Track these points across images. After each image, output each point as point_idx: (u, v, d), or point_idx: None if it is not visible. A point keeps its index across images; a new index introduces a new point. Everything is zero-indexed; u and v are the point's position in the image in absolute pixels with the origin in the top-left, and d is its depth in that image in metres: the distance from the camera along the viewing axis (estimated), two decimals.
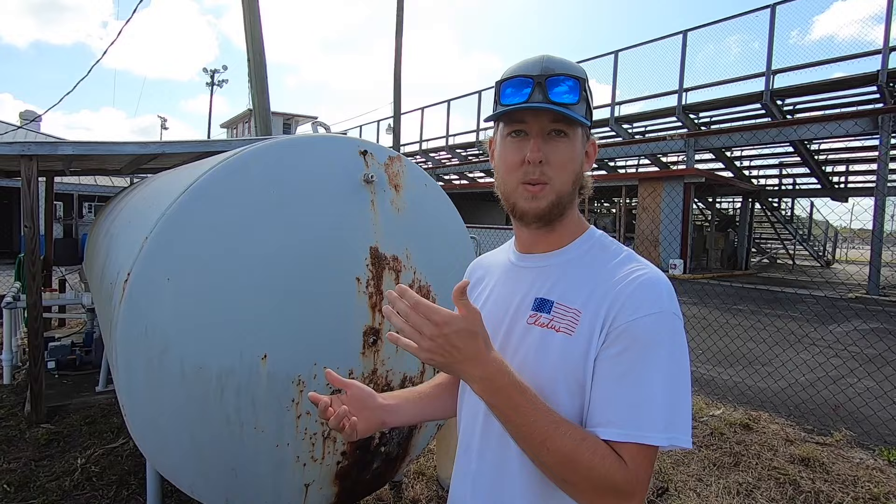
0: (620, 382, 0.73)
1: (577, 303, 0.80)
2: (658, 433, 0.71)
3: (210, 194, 1.67)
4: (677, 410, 0.73)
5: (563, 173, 0.82)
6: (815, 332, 6.75)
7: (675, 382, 0.73)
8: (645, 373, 0.73)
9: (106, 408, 3.95)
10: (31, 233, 3.65)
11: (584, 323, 0.78)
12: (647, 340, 0.74)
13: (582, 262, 0.85)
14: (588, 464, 0.70)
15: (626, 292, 0.77)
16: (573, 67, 0.82)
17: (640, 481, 0.71)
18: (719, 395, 4.73)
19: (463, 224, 2.36)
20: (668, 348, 0.74)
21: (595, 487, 0.70)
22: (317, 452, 1.90)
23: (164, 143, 4.10)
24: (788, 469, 3.28)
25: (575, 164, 0.83)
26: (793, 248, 21.97)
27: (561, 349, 0.78)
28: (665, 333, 0.74)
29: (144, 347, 1.55)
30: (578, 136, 0.84)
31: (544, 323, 0.81)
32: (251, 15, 6.88)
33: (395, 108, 13.06)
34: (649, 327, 0.74)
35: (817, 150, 16.80)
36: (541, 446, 0.71)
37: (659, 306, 0.75)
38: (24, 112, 20.84)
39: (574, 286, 0.82)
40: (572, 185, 0.84)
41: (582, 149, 0.85)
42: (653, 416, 0.71)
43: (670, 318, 0.75)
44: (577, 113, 0.80)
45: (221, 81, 33.46)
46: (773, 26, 14.47)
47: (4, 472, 3.00)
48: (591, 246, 0.87)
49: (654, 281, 0.78)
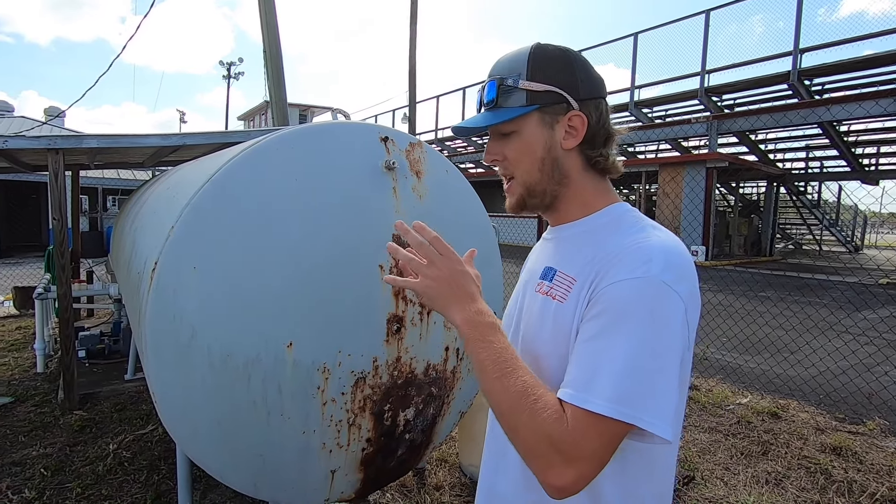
0: (585, 345, 0.71)
1: (574, 270, 0.79)
2: (604, 402, 0.66)
3: (234, 183, 1.67)
4: (641, 386, 0.66)
5: (521, 164, 0.85)
6: (847, 319, 6.56)
7: (644, 355, 0.67)
8: (610, 339, 0.68)
9: (135, 395, 4.06)
10: (60, 225, 3.73)
11: (575, 290, 0.77)
12: (621, 306, 0.69)
13: (593, 234, 0.84)
14: (531, 410, 0.68)
15: (614, 257, 0.74)
16: (498, 67, 0.85)
17: (582, 447, 0.66)
18: (746, 383, 4.64)
19: (484, 210, 2.33)
20: (642, 317, 0.68)
21: (534, 439, 0.68)
22: (342, 439, 1.91)
23: (184, 134, 4.14)
24: (819, 458, 3.20)
25: (533, 152, 0.83)
26: (819, 234, 21.35)
27: (553, 316, 0.79)
28: (643, 301, 0.69)
29: (173, 335, 1.57)
30: (531, 125, 0.83)
31: (545, 291, 0.83)
32: (266, 6, 6.87)
33: (411, 97, 12.98)
34: (626, 292, 0.69)
35: (847, 132, 16.20)
36: (495, 383, 0.72)
37: (644, 271, 0.70)
38: (49, 108, 21.31)
39: (575, 255, 0.82)
40: (540, 173, 0.84)
41: (544, 132, 0.83)
42: (603, 384, 0.67)
43: (656, 285, 0.69)
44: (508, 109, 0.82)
45: (238, 74, 33.67)
46: (800, 3, 13.92)
47: (41, 457, 3.11)
48: (610, 220, 0.84)
49: (648, 247, 0.73)
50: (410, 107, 13.24)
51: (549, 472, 0.67)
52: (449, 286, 0.79)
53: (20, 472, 2.94)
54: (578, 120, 0.83)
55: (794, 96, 15.10)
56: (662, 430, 0.66)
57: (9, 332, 6.31)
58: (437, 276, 0.79)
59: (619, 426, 0.67)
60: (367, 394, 1.94)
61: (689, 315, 0.72)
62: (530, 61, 0.82)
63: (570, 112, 0.83)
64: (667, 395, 0.68)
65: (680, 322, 0.70)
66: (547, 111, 0.82)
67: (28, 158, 4.80)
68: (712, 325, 5.75)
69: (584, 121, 0.83)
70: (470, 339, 0.77)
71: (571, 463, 0.66)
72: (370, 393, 1.94)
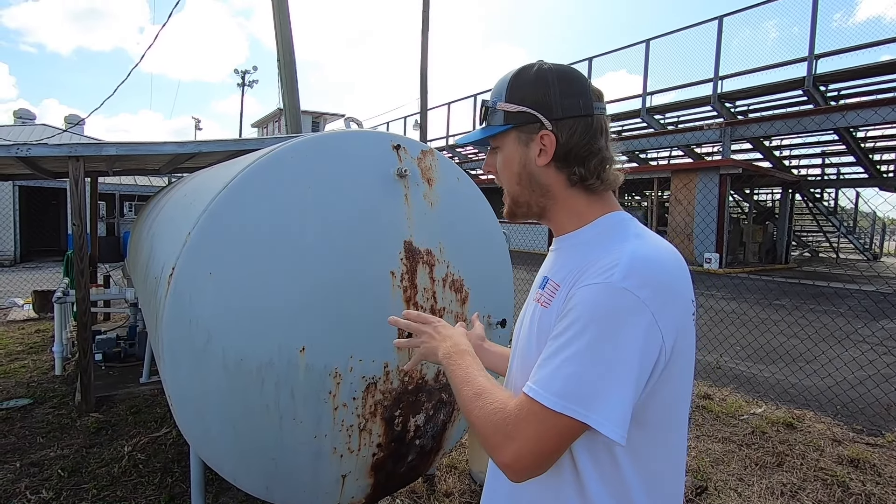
0: (548, 343, 0.77)
1: (560, 278, 0.83)
2: (551, 395, 0.72)
3: (248, 190, 1.71)
4: (588, 387, 0.71)
5: (503, 177, 0.94)
6: (865, 329, 6.44)
7: (593, 358, 0.71)
8: (566, 340, 0.73)
9: (150, 398, 4.11)
10: (80, 231, 3.82)
11: (558, 295, 0.81)
12: (579, 310, 0.74)
13: (585, 244, 0.86)
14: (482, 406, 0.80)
15: (589, 264, 0.78)
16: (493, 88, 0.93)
17: (521, 428, 0.74)
18: (760, 392, 4.57)
19: (495, 217, 2.34)
20: (595, 321, 0.71)
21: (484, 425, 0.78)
22: (353, 444, 1.92)
23: (200, 142, 4.22)
24: (836, 470, 3.14)
25: (511, 167, 0.91)
26: (836, 241, 20.98)
27: (538, 322, 0.84)
28: (598, 305, 0.72)
29: (189, 339, 1.60)
30: (510, 142, 0.91)
31: (538, 298, 0.87)
32: (281, 16, 7.00)
33: (422, 104, 13.07)
34: (585, 297, 0.74)
35: (864, 138, 15.95)
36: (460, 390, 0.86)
37: (604, 278, 0.73)
38: (69, 116, 21.82)
39: (566, 264, 0.85)
40: (520, 186, 0.92)
41: (519, 149, 0.90)
42: (548, 377, 0.73)
43: (615, 291, 0.72)
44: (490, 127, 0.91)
45: (252, 82, 34.17)
46: (815, 9, 13.79)
47: (59, 458, 3.16)
48: (602, 230, 0.87)
49: (620, 253, 0.76)
50: (422, 114, 13.33)
51: (496, 452, 0.76)
52: (433, 339, 1.02)
53: (38, 472, 3.00)
54: (548, 139, 0.87)
55: (809, 102, 14.92)
56: (610, 430, 0.70)
57: (28, 335, 6.44)
58: (425, 339, 1.03)
59: (564, 420, 0.72)
60: (378, 399, 1.95)
61: (659, 320, 0.73)
62: (509, 84, 0.89)
63: (541, 131, 0.87)
64: (616, 397, 0.71)
65: (642, 327, 0.72)
66: (523, 129, 0.89)
67: (49, 165, 4.92)
68: (726, 334, 5.69)
69: (553, 140, 0.86)
70: (447, 366, 0.94)
71: (511, 440, 0.74)
72: (381, 398, 1.96)
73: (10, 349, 5.70)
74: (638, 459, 0.79)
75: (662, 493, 0.83)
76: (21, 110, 21.44)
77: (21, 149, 3.55)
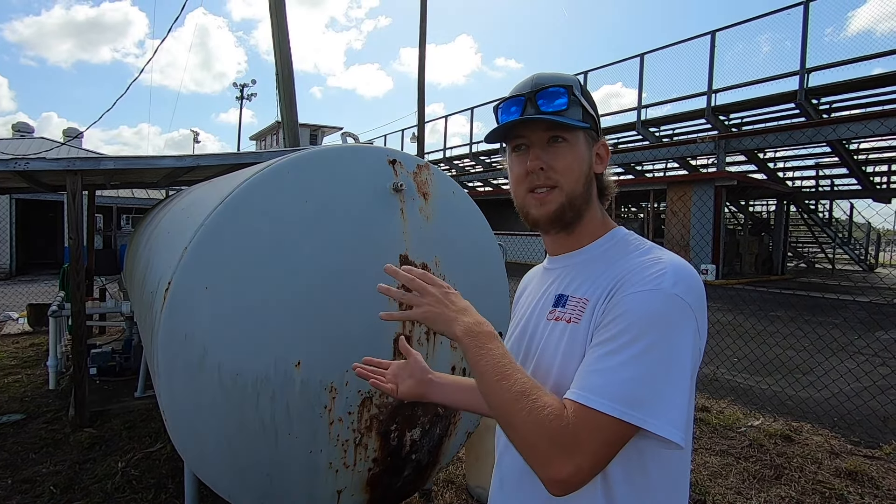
0: (595, 350, 0.74)
1: (587, 293, 0.82)
2: (609, 401, 0.68)
3: (245, 205, 1.72)
4: (649, 391, 0.69)
5: (570, 175, 0.85)
6: (860, 340, 6.46)
7: (653, 363, 0.70)
8: (620, 346, 0.71)
9: (144, 413, 4.08)
10: (76, 244, 3.82)
11: (588, 309, 0.80)
12: (633, 316, 0.72)
13: (602, 258, 0.87)
14: (529, 409, 0.71)
15: (630, 271, 0.77)
16: (562, 78, 0.87)
17: (581, 441, 0.68)
18: (757, 404, 4.57)
19: (490, 231, 2.36)
20: (653, 326, 0.71)
21: (533, 434, 0.70)
22: (349, 459, 1.92)
23: (198, 156, 4.25)
24: (834, 483, 3.13)
25: (581, 166, 0.86)
26: (832, 252, 21.09)
27: (569, 338, 0.81)
28: (653, 312, 0.72)
29: (184, 354, 1.60)
30: (580, 140, 0.87)
31: (559, 316, 0.85)
32: (280, 32, 7.08)
33: (419, 118, 13.18)
34: (637, 303, 0.73)
35: (857, 150, 16.12)
36: (495, 385, 0.74)
37: (655, 284, 0.74)
38: (68, 129, 21.90)
39: (588, 279, 0.84)
40: (583, 187, 0.87)
41: (588, 151, 0.88)
42: (611, 386, 0.69)
43: (668, 297, 0.72)
44: (570, 118, 0.84)
45: (250, 95, 34.40)
46: (806, 23, 14.03)
47: (51, 475, 3.13)
48: (615, 243, 0.88)
49: (660, 263, 0.77)
50: (419, 127, 13.43)
51: (548, 467, 0.69)
52: (443, 306, 0.85)
53: (30, 489, 2.96)
54: (604, 149, 0.92)
55: (801, 115, 15.11)
56: (672, 433, 0.68)
57: (22, 348, 6.39)
58: (430, 302, 0.85)
59: (621, 427, 0.69)
60: (374, 413, 1.95)
61: (699, 326, 0.75)
62: (580, 85, 0.88)
63: (601, 139, 0.91)
64: (676, 401, 0.69)
65: (691, 333, 0.73)
66: (590, 133, 0.89)
67: (47, 179, 4.93)
68: (722, 346, 5.69)
69: (609, 152, 0.92)
70: (469, 347, 0.79)
71: (570, 456, 0.68)
72: (377, 412, 1.95)
73: (4, 363, 5.65)
74: (664, 467, 0.79)
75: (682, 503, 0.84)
76: (20, 123, 21.51)
77: (19, 163, 3.57)
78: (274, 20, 7.07)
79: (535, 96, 0.84)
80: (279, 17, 7.05)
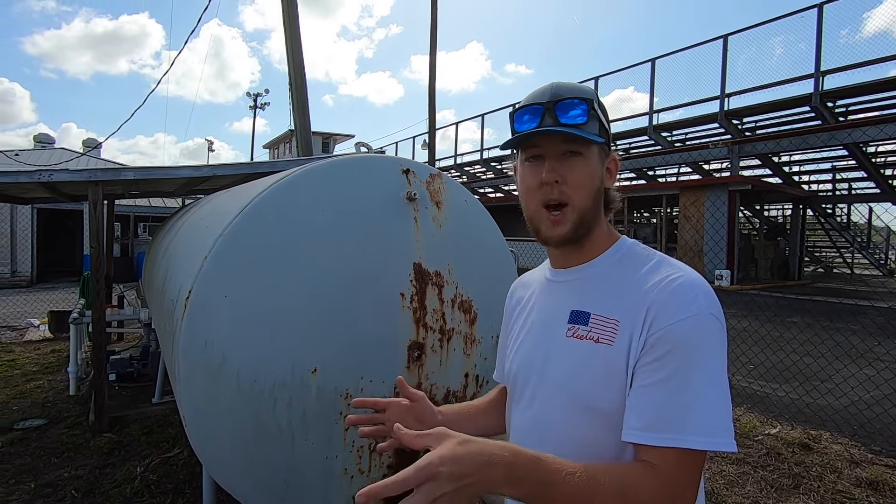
0: (661, 387, 0.73)
1: (615, 313, 0.81)
2: (699, 437, 0.69)
3: (262, 215, 1.77)
4: (720, 413, 0.71)
5: (582, 191, 0.85)
6: (880, 346, 6.33)
7: (717, 384, 0.73)
8: (686, 376, 0.72)
9: (161, 419, 4.15)
10: (97, 253, 3.91)
11: (623, 332, 0.79)
12: (687, 344, 0.73)
13: (615, 272, 0.86)
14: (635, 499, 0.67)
15: (662, 298, 0.77)
16: (581, 90, 0.86)
17: (678, 490, 0.69)
18: (774, 412, 4.50)
19: (503, 238, 2.38)
20: (708, 350, 0.73)
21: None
22: (364, 465, 1.94)
23: (214, 166, 4.34)
24: (854, 493, 3.07)
25: (593, 181, 0.86)
26: (850, 257, 20.70)
27: (603, 360, 0.79)
28: (705, 336, 0.74)
29: (204, 361, 1.64)
30: (594, 155, 0.86)
31: (582, 335, 0.83)
32: (293, 42, 7.21)
33: (430, 125, 13.27)
34: (688, 330, 0.74)
35: (874, 153, 15.86)
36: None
37: (696, 308, 0.75)
38: (87, 139, 22.51)
39: (609, 296, 0.83)
40: (593, 202, 0.87)
41: (600, 166, 0.88)
42: (695, 420, 0.70)
43: (709, 319, 0.75)
44: (588, 132, 0.83)
45: (264, 104, 34.91)
46: (820, 26, 13.89)
47: (73, 479, 3.19)
48: (623, 255, 0.88)
49: (689, 284, 0.78)
50: (430, 134, 13.52)
51: None
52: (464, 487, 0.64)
53: (52, 493, 3.03)
54: (614, 164, 0.92)
55: (816, 118, 14.92)
56: (734, 445, 0.71)
57: (44, 354, 6.54)
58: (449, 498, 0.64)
59: (704, 456, 0.72)
60: None
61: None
62: (597, 99, 0.87)
63: (611, 154, 0.91)
64: (730, 412, 0.74)
65: (726, 345, 0.77)
66: (603, 148, 0.89)
67: (69, 190, 5.07)
68: (738, 353, 5.62)
69: (618, 166, 0.92)
70: (527, 495, 0.66)
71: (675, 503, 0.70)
72: None
73: (27, 369, 5.78)
74: None
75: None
76: (41, 135, 22.11)
77: (44, 174, 3.68)
78: (287, 31, 7.21)
79: (556, 107, 0.84)
80: (292, 28, 7.18)
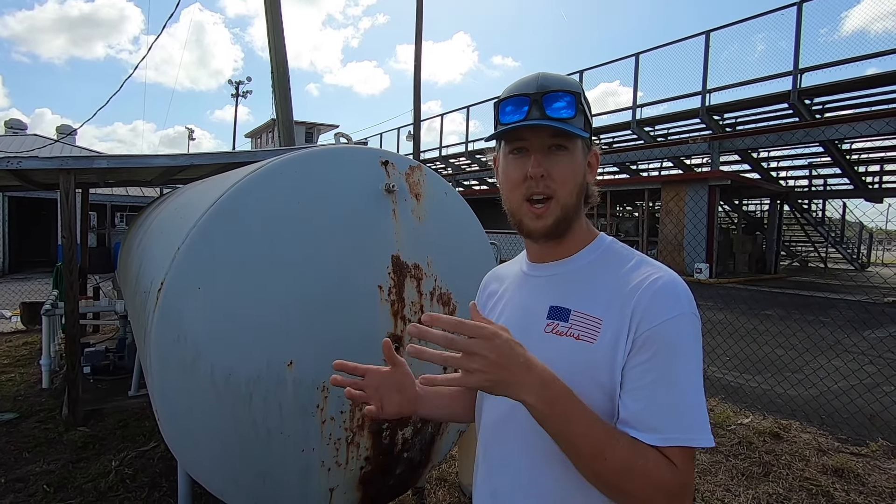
0: (655, 388, 0.74)
1: (598, 311, 0.80)
2: (701, 434, 0.73)
3: (238, 206, 1.74)
4: (704, 409, 0.75)
5: (567, 186, 0.84)
6: (849, 339, 6.53)
7: (700, 382, 0.76)
8: (677, 376, 0.74)
9: (138, 412, 4.08)
10: (69, 243, 3.81)
11: (607, 331, 0.78)
12: (674, 344, 0.75)
13: (594, 269, 0.86)
14: (643, 470, 0.70)
15: (647, 298, 0.78)
16: (569, 83, 0.84)
17: (689, 484, 0.73)
18: (747, 403, 4.62)
19: (483, 231, 2.38)
20: (692, 349, 0.76)
21: (650, 495, 0.71)
22: (341, 457, 1.94)
23: (192, 155, 4.25)
24: (821, 480, 3.18)
25: (577, 176, 0.86)
26: (825, 251, 21.26)
27: (583, 357, 0.79)
28: (688, 335, 0.76)
29: (177, 354, 1.62)
30: (579, 149, 0.86)
31: (562, 331, 0.82)
32: (274, 29, 7.07)
33: (416, 116, 13.19)
34: (673, 330, 0.76)
35: (849, 150, 16.25)
36: (598, 456, 0.70)
37: (679, 309, 0.77)
38: (61, 126, 21.79)
39: (591, 294, 0.83)
40: (577, 197, 0.86)
41: (584, 160, 0.87)
42: (694, 418, 0.74)
43: (691, 319, 0.78)
44: (574, 126, 0.82)
45: (246, 93, 34.27)
46: (799, 24, 14.12)
47: (45, 474, 3.13)
48: (603, 252, 0.88)
49: (671, 284, 0.79)
50: (415, 125, 13.44)
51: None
52: (500, 369, 0.67)
53: (23, 488, 2.97)
54: (595, 158, 0.91)
55: (794, 115, 15.21)
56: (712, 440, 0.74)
57: (15, 347, 6.37)
58: (483, 366, 0.67)
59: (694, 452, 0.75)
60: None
61: None
62: (583, 92, 0.85)
63: (593, 148, 0.90)
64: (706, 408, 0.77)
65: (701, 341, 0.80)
66: (587, 142, 0.88)
67: (41, 178, 4.92)
68: (713, 345, 5.74)
69: (598, 161, 0.92)
70: (549, 417, 0.70)
71: (683, 500, 0.73)
72: None
73: None
74: None
75: None
76: (12, 120, 21.37)
77: (12, 162, 3.56)
78: (269, 18, 7.06)
79: (543, 99, 0.81)
80: (274, 15, 7.04)
